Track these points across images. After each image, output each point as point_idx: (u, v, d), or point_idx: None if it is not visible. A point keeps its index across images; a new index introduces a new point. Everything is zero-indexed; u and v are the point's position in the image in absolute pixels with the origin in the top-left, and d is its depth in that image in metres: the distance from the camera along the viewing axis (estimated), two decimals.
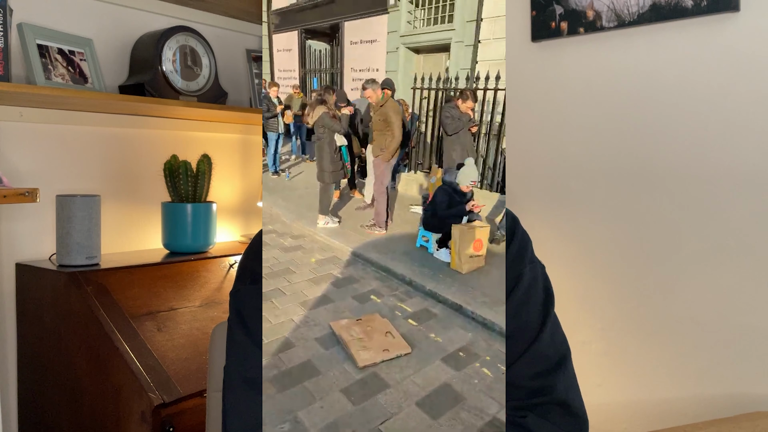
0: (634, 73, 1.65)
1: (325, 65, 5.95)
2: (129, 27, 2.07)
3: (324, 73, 5.93)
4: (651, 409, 1.65)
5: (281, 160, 4.46)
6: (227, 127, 2.40)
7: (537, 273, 0.90)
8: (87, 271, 1.68)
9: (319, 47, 5.96)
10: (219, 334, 1.11)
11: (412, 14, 4.24)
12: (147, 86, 1.93)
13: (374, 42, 4.83)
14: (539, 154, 1.83)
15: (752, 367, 1.49)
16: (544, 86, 1.81)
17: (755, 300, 1.49)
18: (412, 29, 4.28)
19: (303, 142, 4.79)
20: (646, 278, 1.65)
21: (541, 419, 0.81)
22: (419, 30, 4.24)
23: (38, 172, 1.84)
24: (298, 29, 6.03)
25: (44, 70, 1.74)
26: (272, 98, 3.91)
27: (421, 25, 4.22)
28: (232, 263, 2.00)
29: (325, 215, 2.72)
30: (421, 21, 4.21)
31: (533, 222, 1.75)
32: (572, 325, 1.24)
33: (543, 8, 1.77)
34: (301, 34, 6.02)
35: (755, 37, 1.47)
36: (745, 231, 1.50)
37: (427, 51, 4.34)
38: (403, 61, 4.43)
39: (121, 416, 1.50)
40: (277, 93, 3.98)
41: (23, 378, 1.81)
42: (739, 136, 1.50)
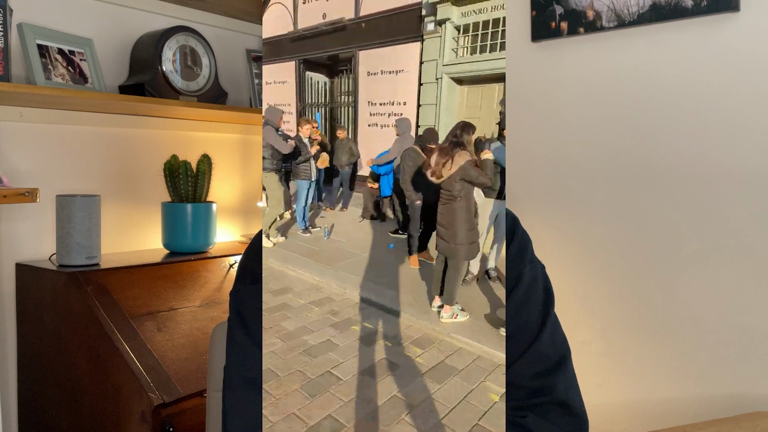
0: (634, 73, 1.65)
1: (325, 99, 5.41)
2: (129, 27, 2.06)
3: (324, 108, 5.36)
4: (651, 409, 1.64)
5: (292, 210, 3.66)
6: (227, 127, 2.40)
7: (537, 273, 0.90)
8: (87, 271, 1.68)
9: (318, 79, 5.49)
10: (219, 334, 1.11)
11: (456, 41, 3.67)
12: (147, 86, 1.93)
13: (400, 72, 4.28)
14: (539, 154, 1.83)
15: (752, 367, 1.49)
16: (544, 86, 1.81)
17: (755, 300, 1.49)
18: (456, 58, 3.69)
19: (321, 187, 4.26)
20: (646, 278, 1.65)
21: (541, 419, 0.81)
22: (467, 58, 3.63)
23: (38, 172, 1.84)
24: (296, 60, 5.49)
25: (44, 70, 1.74)
26: (304, 138, 3.15)
27: (464, 53, 3.65)
28: (232, 263, 2.00)
29: (451, 305, 1.96)
30: (464, 49, 3.65)
31: (533, 222, 1.75)
32: (572, 325, 1.24)
33: (543, 8, 1.77)
34: (300, 65, 5.49)
35: (755, 37, 1.47)
36: (745, 231, 1.50)
37: (471, 82, 3.74)
38: (445, 93, 3.78)
39: (121, 416, 1.50)
40: (309, 132, 3.22)
41: (23, 378, 1.81)
42: (739, 136, 1.50)
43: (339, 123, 4.76)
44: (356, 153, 4.10)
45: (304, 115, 5.50)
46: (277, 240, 3.12)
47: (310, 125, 3.21)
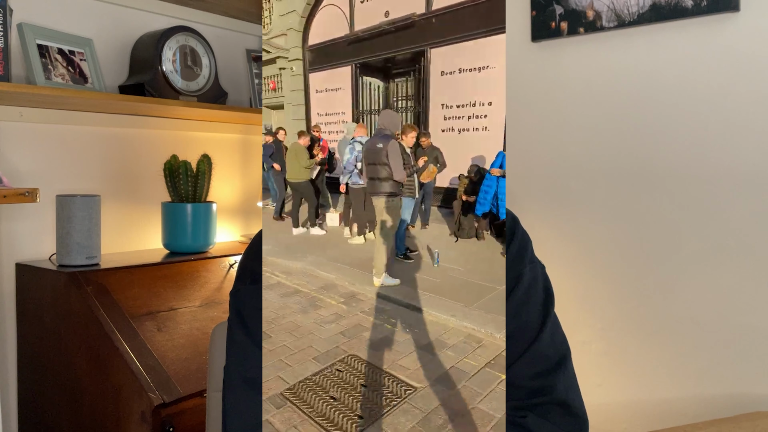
0: (634, 73, 1.65)
1: (378, 104, 4.97)
2: (129, 27, 2.06)
3: (375, 114, 4.90)
4: (651, 409, 1.64)
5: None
6: (227, 127, 2.40)
7: (537, 273, 0.90)
8: (87, 271, 1.68)
9: (375, 84, 5.07)
10: (219, 334, 1.11)
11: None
12: (147, 86, 1.93)
13: (485, 69, 3.82)
14: (539, 154, 1.83)
15: (752, 367, 1.49)
16: (544, 86, 1.81)
17: (755, 300, 1.49)
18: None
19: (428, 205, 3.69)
20: (646, 278, 1.65)
21: (541, 419, 0.81)
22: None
23: (38, 172, 1.84)
24: (352, 64, 5.01)
25: (44, 70, 1.74)
26: (408, 148, 2.64)
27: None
28: (232, 263, 2.00)
29: None
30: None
31: (533, 222, 1.75)
32: (572, 325, 1.24)
33: (543, 8, 1.77)
34: (356, 70, 5.03)
35: (755, 37, 1.47)
36: (745, 231, 1.50)
37: None
38: None
39: (121, 416, 1.50)
40: (413, 140, 2.72)
41: (23, 378, 1.81)
42: (739, 136, 1.50)
43: (423, 129, 4.18)
44: (443, 162, 3.45)
45: (360, 121, 5.01)
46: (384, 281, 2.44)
47: (415, 131, 2.74)
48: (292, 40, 5.88)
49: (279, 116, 6.71)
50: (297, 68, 5.95)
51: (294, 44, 5.88)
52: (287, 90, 6.21)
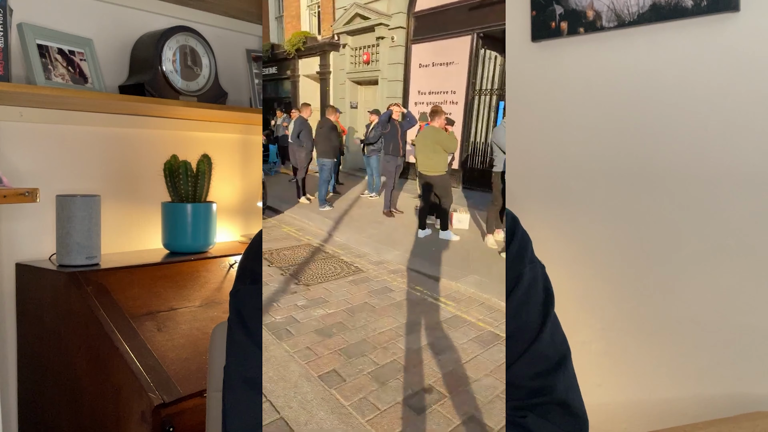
0: (634, 73, 1.65)
1: (493, 84, 4.09)
2: (129, 27, 2.06)
3: (494, 95, 4.00)
4: (651, 409, 1.64)
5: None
6: (227, 127, 2.40)
7: (537, 273, 0.90)
8: (87, 271, 1.68)
9: (494, 59, 4.21)
10: (219, 334, 1.11)
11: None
12: (147, 86, 1.93)
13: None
14: (539, 154, 1.83)
15: (752, 367, 1.49)
16: (544, 86, 1.81)
17: (755, 300, 1.49)
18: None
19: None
20: (646, 278, 1.65)
21: (541, 419, 0.81)
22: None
23: (38, 172, 1.84)
24: (473, 34, 4.06)
25: (44, 70, 1.74)
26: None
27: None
28: (232, 263, 2.00)
29: None
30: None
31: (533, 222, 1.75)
32: (572, 325, 1.24)
33: (543, 8, 1.77)
34: (477, 41, 4.09)
35: (755, 37, 1.47)
36: (745, 231, 1.50)
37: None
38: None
39: (121, 416, 1.50)
40: None
41: (23, 378, 1.81)
42: (739, 136, 1.50)
43: None
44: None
45: (472, 105, 4.07)
46: None
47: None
48: (397, 4, 5.00)
49: (367, 93, 5.97)
50: (399, 38, 5.07)
51: (398, 9, 4.99)
52: (384, 63, 5.39)
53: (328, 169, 3.88)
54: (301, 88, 7.13)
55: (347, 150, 4.92)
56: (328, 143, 3.93)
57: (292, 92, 7.33)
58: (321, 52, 6.45)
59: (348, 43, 5.97)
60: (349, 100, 6.10)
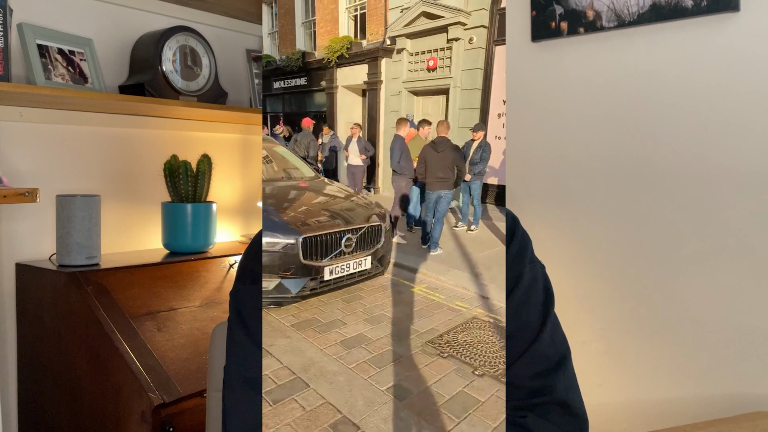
0: (634, 73, 1.65)
1: None
2: (129, 27, 2.06)
3: None
4: (651, 409, 1.64)
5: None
6: (227, 127, 2.40)
7: (537, 273, 0.90)
8: (87, 271, 1.68)
9: None
10: (219, 334, 1.11)
11: None
12: (147, 86, 1.93)
13: None
14: (539, 154, 1.83)
15: (752, 367, 1.49)
16: (544, 86, 1.81)
17: (755, 300, 1.49)
18: None
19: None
20: (646, 278, 1.65)
21: (541, 419, 0.81)
22: None
23: (38, 172, 1.84)
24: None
25: (44, 70, 1.74)
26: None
27: None
28: (232, 263, 2.00)
29: None
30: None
31: (533, 222, 1.75)
32: (572, 325, 1.24)
33: (543, 8, 1.77)
34: None
35: (755, 37, 1.47)
36: (745, 231, 1.50)
37: None
38: None
39: (121, 416, 1.50)
40: None
41: (23, 378, 1.81)
42: (739, 136, 1.50)
43: None
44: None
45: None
46: None
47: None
48: (478, 0, 4.35)
49: (426, 104, 5.12)
50: (479, 39, 4.41)
51: (479, 6, 4.32)
52: (457, 69, 4.68)
53: (447, 201, 3.03)
54: (339, 100, 6.24)
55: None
56: (449, 170, 3.07)
57: (329, 105, 6.33)
58: (371, 59, 5.59)
59: (406, 47, 5.25)
60: (405, 113, 5.17)
